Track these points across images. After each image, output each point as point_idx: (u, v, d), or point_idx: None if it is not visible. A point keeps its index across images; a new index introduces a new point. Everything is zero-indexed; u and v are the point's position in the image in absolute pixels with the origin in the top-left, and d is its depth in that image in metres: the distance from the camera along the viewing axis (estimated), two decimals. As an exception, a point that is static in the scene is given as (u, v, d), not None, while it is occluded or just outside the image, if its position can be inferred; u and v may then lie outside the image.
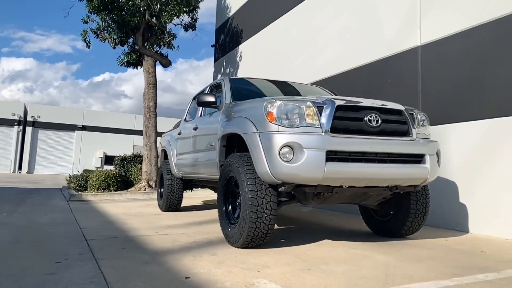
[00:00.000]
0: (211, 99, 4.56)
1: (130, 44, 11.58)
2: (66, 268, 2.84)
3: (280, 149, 3.22)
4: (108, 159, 45.19)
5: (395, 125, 3.60)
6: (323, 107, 3.38)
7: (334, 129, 3.33)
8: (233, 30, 11.94)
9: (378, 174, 3.40)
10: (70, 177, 12.54)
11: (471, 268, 2.99)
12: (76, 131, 44.89)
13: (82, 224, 5.08)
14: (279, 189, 3.43)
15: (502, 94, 4.56)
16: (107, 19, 9.73)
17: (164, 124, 47.52)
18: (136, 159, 12.16)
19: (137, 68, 12.25)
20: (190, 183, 6.61)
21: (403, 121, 3.65)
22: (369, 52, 6.55)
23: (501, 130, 4.54)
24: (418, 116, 3.83)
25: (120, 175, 11.27)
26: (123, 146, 45.58)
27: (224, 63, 12.45)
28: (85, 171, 43.06)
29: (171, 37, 11.63)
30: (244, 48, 11.15)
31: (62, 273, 2.71)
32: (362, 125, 3.44)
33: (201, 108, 5.45)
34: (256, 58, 10.39)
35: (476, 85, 4.87)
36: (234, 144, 4.14)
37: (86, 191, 10.47)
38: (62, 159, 43.38)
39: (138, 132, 46.73)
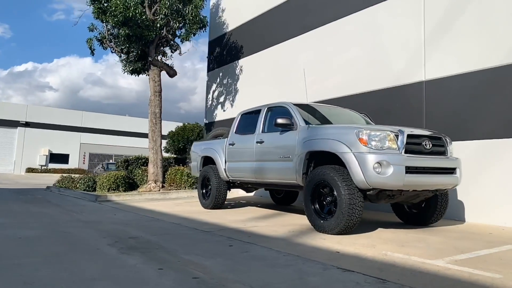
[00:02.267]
0: (288, 122, 5.92)
1: (135, 53, 12.34)
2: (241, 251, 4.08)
3: (374, 165, 4.69)
4: (54, 157, 43.72)
5: (439, 147, 5.24)
6: (398, 135, 4.91)
7: (406, 151, 4.87)
8: (231, 45, 13.15)
9: (432, 182, 5.01)
10: (62, 178, 13.05)
11: (493, 242, 4.67)
12: (18, 127, 42.80)
13: (185, 223, 6.17)
14: (368, 193, 4.90)
15: (489, 123, 6.40)
16: (125, 32, 10.49)
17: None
18: (138, 161, 12.92)
19: (138, 76, 13.03)
20: (233, 185, 7.85)
21: (442, 144, 5.30)
22: (377, 80, 8.22)
23: (488, 149, 6.38)
24: (447, 139, 5.50)
25: (128, 177, 12.03)
26: (69, 144, 44.42)
27: (221, 74, 13.61)
28: (29, 169, 41.17)
29: (177, 48, 12.63)
30: (245, 63, 12.43)
31: (251, 251, 3.96)
32: (421, 148, 5.03)
33: (262, 124, 6.74)
34: (258, 74, 11.71)
35: (470, 114, 6.68)
36: (312, 159, 5.55)
37: (96, 191, 11.16)
38: (2, 157, 41.21)
39: (87, 130, 45.76)
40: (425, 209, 5.85)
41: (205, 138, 10.70)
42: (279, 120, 5.94)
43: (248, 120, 7.41)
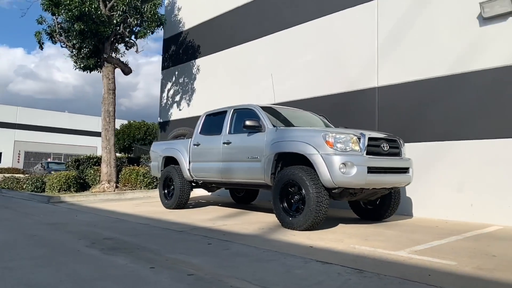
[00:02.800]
0: (256, 124, 6.18)
1: (88, 49, 11.96)
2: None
3: (339, 165, 5.08)
4: (-19, 156, 40.62)
5: (394, 149, 5.77)
6: (360, 138, 5.34)
7: (367, 152, 5.33)
8: (187, 44, 13.16)
9: (390, 180, 5.51)
10: (5, 178, 12.41)
11: (441, 234, 5.25)
12: None
13: (152, 223, 6.20)
14: (333, 191, 5.29)
15: (434, 127, 7.10)
16: (81, 28, 10.17)
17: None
18: (90, 161, 12.55)
19: (90, 72, 12.65)
20: (196, 185, 7.97)
21: (397, 146, 5.84)
22: (333, 85, 8.72)
23: (434, 150, 7.07)
24: (401, 142, 6.05)
25: (79, 177, 11.68)
26: (2, 142, 41.46)
27: (177, 73, 13.57)
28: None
29: (133, 46, 12.42)
30: (202, 63, 12.51)
31: (233, 247, 4.18)
32: (380, 149, 5.51)
33: (228, 125, 6.95)
34: (216, 74, 11.86)
35: (418, 119, 7.35)
36: (280, 160, 5.86)
37: (46, 192, 10.76)
38: None
39: (22, 127, 43.00)
40: (380, 205, 6.38)
41: (159, 138, 10.65)
42: (248, 122, 6.18)
43: (213, 121, 7.57)
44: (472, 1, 6.74)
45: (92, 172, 12.13)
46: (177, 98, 13.45)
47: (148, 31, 11.31)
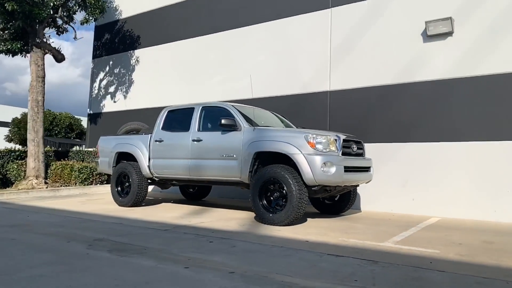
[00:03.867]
0: (232, 123, 6.31)
1: (13, 31, 10.80)
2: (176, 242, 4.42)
3: (321, 164, 5.49)
4: None
5: (360, 150, 6.37)
6: (336, 139, 5.81)
7: (342, 153, 5.82)
8: (125, 33, 12.56)
9: (358, 178, 6.09)
10: None
11: (402, 225, 5.98)
12: None
13: (110, 220, 5.97)
14: (313, 189, 5.68)
15: (381, 130, 7.92)
16: (13, 7, 9.16)
17: None
18: (11, 154, 11.33)
19: (13, 57, 11.44)
20: (151, 182, 7.81)
21: (362, 147, 6.45)
22: (287, 87, 9.15)
23: (381, 151, 7.89)
24: (363, 144, 6.69)
25: None
26: None
27: (111, 63, 12.87)
28: None
29: (65, 31, 11.50)
30: (143, 54, 12.06)
31: (209, 257, 4.33)
32: (350, 150, 6.05)
33: (197, 122, 6.94)
34: (160, 68, 11.54)
35: (367, 122, 8.11)
36: (257, 158, 6.09)
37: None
38: None
39: None
40: (339, 201, 6.99)
41: (89, 131, 9.99)
42: (224, 121, 6.29)
43: (177, 117, 7.49)
44: (419, 18, 7.64)
45: (15, 167, 10.99)
46: (112, 89, 12.79)
47: (91, 17, 10.59)
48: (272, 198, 5.87)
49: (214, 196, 9.58)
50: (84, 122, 29.07)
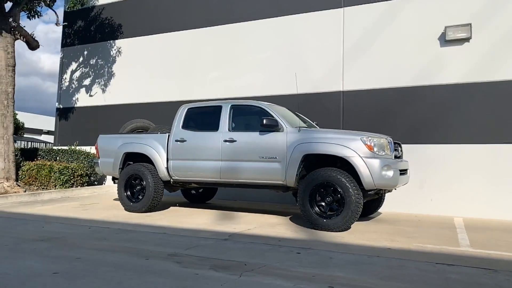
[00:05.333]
0: (275, 123, 5.98)
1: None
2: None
3: (382, 168, 5.37)
4: None
5: (401, 152, 6.35)
6: (389, 142, 5.73)
7: (395, 157, 5.76)
8: (103, 21, 11.53)
9: (403, 181, 6.05)
10: None
11: (444, 228, 6.06)
12: None
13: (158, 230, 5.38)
14: (369, 192, 5.55)
15: (396, 131, 8.02)
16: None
17: None
18: (-28, 152, 9.87)
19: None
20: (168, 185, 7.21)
21: (401, 150, 6.44)
22: (295, 85, 8.92)
23: (396, 151, 7.98)
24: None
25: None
26: None
27: (86, 53, 11.76)
28: None
29: (38, 15, 10.27)
30: (126, 45, 11.15)
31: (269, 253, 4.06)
32: (397, 153, 6.01)
33: (227, 122, 6.48)
34: (147, 60, 10.73)
35: (380, 123, 8.15)
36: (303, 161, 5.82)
37: None
38: None
39: None
40: (369, 203, 6.93)
41: (58, 127, 8.94)
42: (266, 121, 5.93)
43: (201, 115, 6.98)
44: (435, 23, 7.82)
45: (-21, 167, 9.60)
46: (87, 82, 11.68)
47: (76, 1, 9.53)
48: (324, 203, 5.63)
49: (213, 198, 9.08)
50: (20, 116, 26.51)
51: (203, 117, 6.95)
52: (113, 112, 11.02)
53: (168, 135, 7.02)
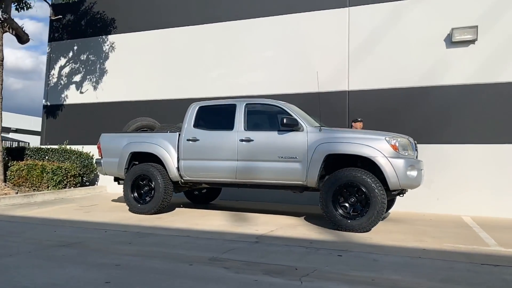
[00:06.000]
0: (295, 122, 5.87)
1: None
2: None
3: (407, 168, 5.36)
4: None
5: (417, 152, 6.36)
6: (411, 142, 5.73)
7: (416, 156, 5.76)
8: (95, 15, 11.09)
9: (423, 180, 6.05)
10: None
11: (460, 227, 6.12)
12: None
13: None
14: (393, 193, 5.52)
15: (403, 132, 8.06)
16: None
17: None
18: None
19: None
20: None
21: (417, 149, 6.46)
22: (300, 84, 8.85)
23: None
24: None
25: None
26: None
27: (77, 48, 11.28)
28: None
29: (27, 7, 9.76)
30: (121, 40, 10.77)
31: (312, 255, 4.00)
32: (416, 153, 6.02)
33: (243, 121, 6.31)
34: (144, 57, 10.37)
35: (386, 123, 8.18)
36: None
37: None
38: None
39: None
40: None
41: (45, 125, 8.45)
42: (287, 121, 5.82)
43: (214, 114, 6.78)
44: (441, 24, 7.92)
45: (-35, 167, 9.03)
46: (77, 78, 11.21)
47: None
48: (348, 203, 5.56)
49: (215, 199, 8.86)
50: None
51: (216, 116, 6.76)
52: (106, 110, 10.62)
53: (179, 134, 6.79)
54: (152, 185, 6.83)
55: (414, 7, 8.19)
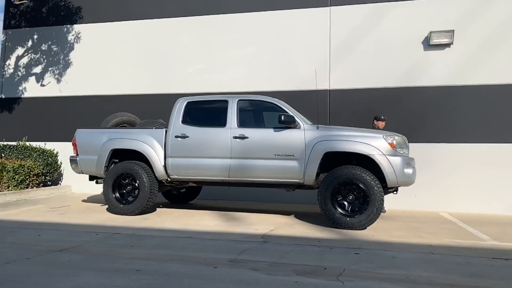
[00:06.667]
0: (292, 120, 5.80)
1: None
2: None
3: (404, 166, 5.46)
4: None
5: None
6: (405, 140, 5.84)
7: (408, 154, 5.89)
8: (58, 3, 10.33)
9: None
10: None
11: (443, 222, 6.35)
12: None
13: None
14: (389, 190, 5.60)
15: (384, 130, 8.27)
16: None
17: None
18: None
19: None
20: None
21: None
22: (282, 82, 8.77)
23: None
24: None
25: None
26: None
27: (37, 37, 10.46)
28: None
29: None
30: (87, 30, 10.11)
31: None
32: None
33: (235, 117, 6.12)
34: (114, 49, 9.80)
35: (367, 122, 8.32)
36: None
37: None
38: None
39: None
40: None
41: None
42: (284, 118, 5.73)
43: (204, 110, 6.54)
44: (418, 27, 8.18)
45: None
46: (38, 70, 10.40)
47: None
48: (346, 201, 5.57)
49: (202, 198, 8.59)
50: None
51: (206, 112, 6.52)
52: (71, 104, 9.94)
53: (165, 131, 6.46)
54: (136, 184, 6.45)
55: (393, 9, 8.40)
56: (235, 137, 6.05)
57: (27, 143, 9.60)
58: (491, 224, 6.25)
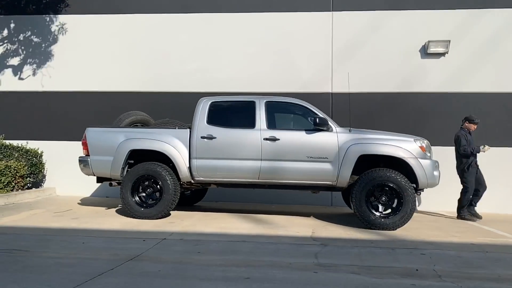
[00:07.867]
0: (326, 123, 5.89)
1: None
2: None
3: (434, 168, 5.74)
4: None
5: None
6: (429, 144, 6.15)
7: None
8: (39, -10, 9.55)
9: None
10: None
11: (459, 221, 6.76)
12: None
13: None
14: (418, 191, 5.85)
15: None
16: None
17: None
18: None
19: None
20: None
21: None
22: (282, 84, 8.79)
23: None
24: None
25: None
26: None
27: (14, 26, 9.60)
28: None
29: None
30: (72, 21, 9.42)
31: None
32: (428, 155, 6.49)
33: (264, 119, 6.07)
34: (103, 43, 9.21)
35: (368, 125, 8.62)
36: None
37: None
38: None
39: None
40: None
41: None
42: (319, 121, 5.83)
43: (230, 111, 6.42)
44: (418, 35, 8.62)
45: None
46: (15, 61, 9.55)
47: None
48: (379, 203, 5.74)
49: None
50: None
51: (231, 113, 6.39)
52: (55, 100, 9.24)
53: (190, 131, 6.24)
54: (158, 187, 6.18)
55: (393, 18, 8.76)
56: (266, 139, 6.00)
57: (7, 142, 8.79)
58: (499, 222, 6.74)
